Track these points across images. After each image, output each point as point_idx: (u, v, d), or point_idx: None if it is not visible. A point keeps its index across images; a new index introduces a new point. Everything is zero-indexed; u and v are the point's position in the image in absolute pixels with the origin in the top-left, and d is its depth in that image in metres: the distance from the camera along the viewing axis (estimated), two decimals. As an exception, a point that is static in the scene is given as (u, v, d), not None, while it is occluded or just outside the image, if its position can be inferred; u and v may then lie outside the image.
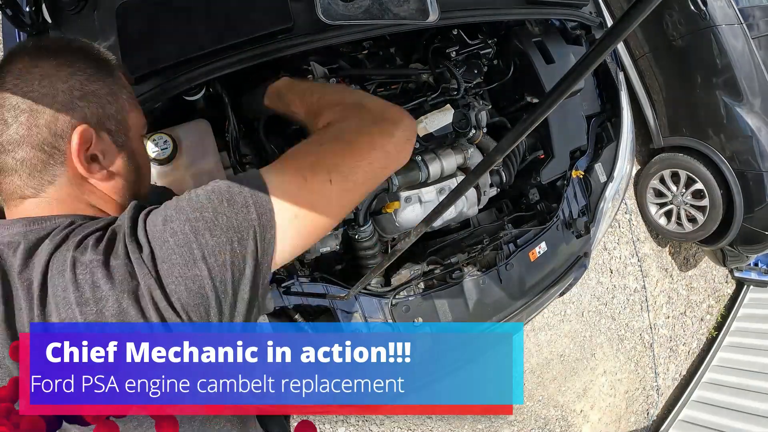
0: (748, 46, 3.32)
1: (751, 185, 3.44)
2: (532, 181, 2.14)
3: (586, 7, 1.94)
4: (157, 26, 1.30)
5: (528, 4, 1.71)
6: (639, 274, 4.18)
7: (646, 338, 4.22)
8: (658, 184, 3.98)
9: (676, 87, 3.69)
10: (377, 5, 1.32)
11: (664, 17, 3.50)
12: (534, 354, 3.68)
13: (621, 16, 0.47)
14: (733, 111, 3.40)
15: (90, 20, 1.35)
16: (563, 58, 2.03)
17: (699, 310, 4.56)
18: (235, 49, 1.31)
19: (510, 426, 3.60)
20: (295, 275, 1.62)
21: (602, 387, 3.95)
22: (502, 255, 1.88)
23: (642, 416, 4.23)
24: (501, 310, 1.89)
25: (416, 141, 1.74)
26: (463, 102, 1.90)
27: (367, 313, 1.68)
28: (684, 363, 4.44)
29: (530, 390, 3.68)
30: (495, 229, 2.04)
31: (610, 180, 2.15)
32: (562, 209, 2.05)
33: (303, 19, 1.35)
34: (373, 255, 1.83)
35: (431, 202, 1.83)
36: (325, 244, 1.70)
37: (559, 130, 2.07)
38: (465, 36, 1.92)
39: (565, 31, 2.14)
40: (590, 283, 3.94)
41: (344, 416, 3.06)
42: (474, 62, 1.91)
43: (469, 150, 1.93)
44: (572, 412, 3.85)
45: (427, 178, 1.81)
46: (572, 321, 3.85)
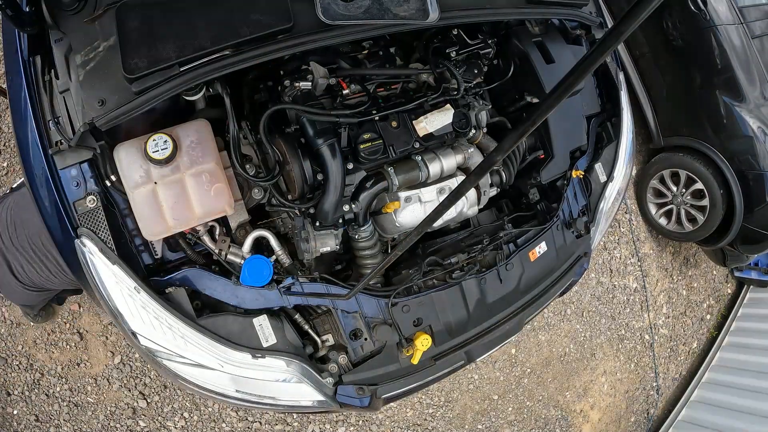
0: (748, 47, 3.32)
1: (751, 185, 3.44)
2: (532, 181, 2.14)
3: (586, 7, 1.94)
4: (157, 26, 1.30)
5: (528, 4, 1.71)
6: (639, 274, 4.18)
7: (646, 338, 4.22)
8: (658, 184, 3.98)
9: (676, 87, 3.69)
10: (377, 5, 1.32)
11: (664, 17, 3.50)
12: (534, 354, 3.68)
13: (622, 16, 0.47)
14: (733, 111, 3.39)
15: (89, 20, 1.35)
16: (563, 58, 2.03)
17: (699, 310, 4.56)
18: (234, 49, 1.31)
19: (510, 426, 3.60)
20: (296, 275, 1.62)
21: (602, 387, 3.95)
22: (502, 255, 1.88)
23: (642, 416, 4.23)
24: (501, 310, 1.89)
25: (416, 141, 1.75)
26: (463, 102, 1.90)
27: (367, 313, 1.67)
28: (684, 363, 4.44)
29: (530, 390, 3.68)
30: (495, 229, 2.04)
31: (610, 180, 2.15)
32: (562, 209, 2.05)
33: (303, 19, 1.35)
34: (373, 255, 1.83)
35: (431, 202, 1.83)
36: (325, 244, 1.70)
37: (559, 130, 2.07)
38: (465, 36, 1.92)
39: (565, 31, 2.14)
40: (590, 283, 3.94)
41: (344, 416, 3.07)
42: (474, 62, 1.91)
43: (469, 150, 1.93)
44: (572, 412, 3.85)
45: (427, 178, 1.81)
46: (572, 321, 3.84)
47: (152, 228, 1.44)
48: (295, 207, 1.67)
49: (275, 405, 1.62)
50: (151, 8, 1.31)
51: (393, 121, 1.73)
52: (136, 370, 2.71)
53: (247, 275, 1.55)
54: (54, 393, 2.60)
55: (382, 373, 1.72)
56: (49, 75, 1.41)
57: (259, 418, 2.90)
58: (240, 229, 1.71)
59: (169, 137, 1.42)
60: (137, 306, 1.43)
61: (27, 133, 1.41)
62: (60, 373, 2.62)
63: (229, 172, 1.60)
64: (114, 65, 1.27)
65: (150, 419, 2.72)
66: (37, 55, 1.42)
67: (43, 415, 2.58)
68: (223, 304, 1.57)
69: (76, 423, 2.61)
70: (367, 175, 1.74)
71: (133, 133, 1.48)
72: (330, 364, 1.66)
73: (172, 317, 1.44)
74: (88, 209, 1.42)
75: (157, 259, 1.58)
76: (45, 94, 1.40)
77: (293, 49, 1.36)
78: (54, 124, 1.37)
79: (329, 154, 1.59)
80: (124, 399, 2.68)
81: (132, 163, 1.41)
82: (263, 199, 1.70)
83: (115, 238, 1.43)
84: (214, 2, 1.36)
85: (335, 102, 1.70)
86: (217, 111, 1.62)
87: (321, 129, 1.61)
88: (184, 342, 1.47)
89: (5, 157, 2.66)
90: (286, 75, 1.66)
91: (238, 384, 1.56)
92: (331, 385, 1.63)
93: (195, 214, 1.46)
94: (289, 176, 1.68)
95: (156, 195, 1.42)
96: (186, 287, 1.52)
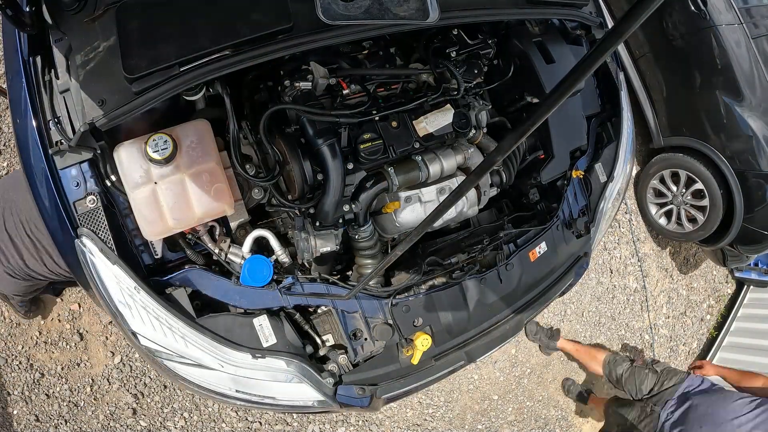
0: (748, 47, 3.32)
1: (751, 185, 3.44)
2: (533, 181, 2.14)
3: (586, 7, 1.94)
4: (157, 26, 1.30)
5: (528, 4, 1.71)
6: (639, 274, 4.18)
7: (646, 338, 4.22)
8: (658, 184, 3.98)
9: (676, 87, 3.69)
10: (377, 5, 1.31)
11: (664, 17, 3.50)
12: (534, 354, 3.68)
13: (622, 16, 0.47)
14: (733, 111, 3.39)
15: (89, 20, 1.35)
16: (563, 58, 2.03)
17: (699, 310, 4.56)
18: (234, 49, 1.31)
19: (510, 426, 3.60)
20: (296, 275, 1.62)
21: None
22: (502, 255, 1.88)
23: (642, 416, 4.23)
24: (501, 310, 1.89)
25: (417, 141, 1.75)
26: (463, 102, 1.90)
27: (368, 313, 1.67)
28: (684, 363, 4.43)
29: (530, 390, 3.68)
30: (495, 229, 2.04)
31: (610, 180, 2.15)
32: (562, 209, 2.05)
33: (303, 19, 1.34)
34: (373, 255, 1.83)
35: (431, 202, 1.83)
36: (325, 244, 1.70)
37: (559, 131, 2.07)
38: (465, 36, 1.92)
39: (565, 31, 2.14)
40: (590, 283, 3.94)
41: (344, 416, 3.06)
42: (474, 62, 1.91)
43: (469, 150, 1.93)
44: (572, 412, 3.85)
45: (427, 178, 1.81)
46: (572, 321, 3.84)
47: (152, 228, 1.44)
48: (295, 207, 1.67)
49: (275, 405, 1.62)
50: (151, 8, 1.31)
51: (393, 121, 1.73)
52: (136, 370, 2.71)
53: (247, 275, 1.55)
54: (54, 393, 2.60)
55: (382, 373, 1.72)
56: (49, 75, 1.41)
57: (259, 418, 2.90)
58: (240, 229, 1.71)
59: (169, 137, 1.42)
60: (137, 306, 1.43)
61: (27, 133, 1.41)
62: (60, 373, 2.61)
63: (229, 172, 1.60)
64: (114, 65, 1.27)
65: (150, 419, 2.72)
66: (37, 55, 1.42)
67: (43, 415, 2.58)
68: (223, 304, 1.57)
69: (76, 423, 2.61)
70: (367, 175, 1.74)
71: (133, 133, 1.47)
72: (330, 364, 1.66)
73: (172, 317, 1.44)
74: (88, 209, 1.42)
75: (157, 259, 1.58)
76: (45, 94, 1.40)
77: (293, 49, 1.36)
78: (54, 124, 1.37)
79: (329, 154, 1.59)
80: (124, 399, 2.68)
81: (132, 163, 1.41)
82: (263, 199, 1.70)
83: (115, 238, 1.43)
84: (214, 2, 1.36)
85: (335, 102, 1.70)
86: (217, 111, 1.62)
87: (321, 129, 1.61)
88: (185, 342, 1.47)
89: (5, 157, 2.66)
90: (286, 75, 1.66)
91: (238, 384, 1.55)
92: (331, 385, 1.63)
93: (195, 214, 1.46)
94: (289, 176, 1.68)
95: (156, 195, 1.42)
96: (186, 287, 1.52)
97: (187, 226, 1.49)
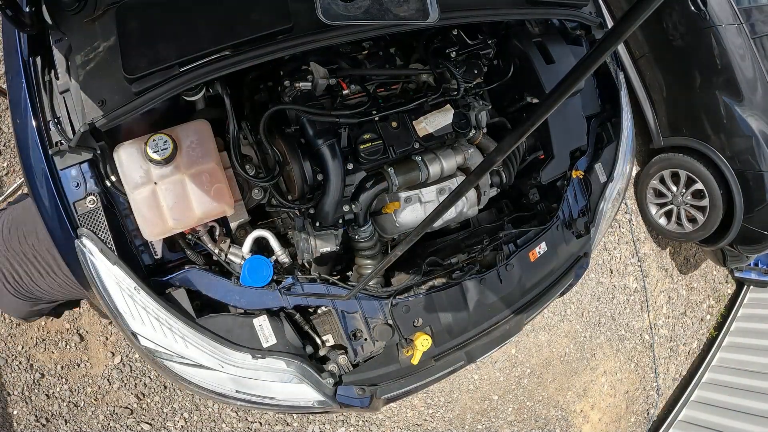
0: (748, 46, 3.32)
1: (751, 185, 3.44)
2: (532, 182, 2.14)
3: (586, 7, 1.93)
4: (157, 26, 1.30)
5: (528, 4, 1.71)
6: (639, 274, 4.18)
7: (646, 338, 4.22)
8: (658, 184, 3.98)
9: (676, 87, 3.69)
10: (377, 5, 1.31)
11: (664, 17, 3.50)
12: (534, 354, 3.68)
13: (622, 16, 0.47)
14: (733, 111, 3.39)
15: (89, 20, 1.35)
16: (563, 58, 2.03)
17: (699, 310, 4.56)
18: (234, 49, 1.31)
19: (510, 426, 3.60)
20: (296, 276, 1.62)
21: (602, 387, 3.95)
22: (502, 255, 1.88)
23: (642, 416, 4.23)
24: (501, 311, 1.89)
25: (416, 141, 1.74)
26: (463, 102, 1.90)
27: (368, 313, 1.67)
28: (684, 363, 4.44)
29: (530, 390, 3.68)
30: (495, 230, 2.04)
31: (610, 180, 2.15)
32: (562, 209, 2.05)
33: (303, 20, 1.34)
34: (373, 255, 1.83)
35: (431, 203, 1.83)
36: (325, 244, 1.70)
37: (559, 131, 2.07)
38: (465, 36, 1.92)
39: (565, 31, 2.14)
40: (590, 283, 3.94)
41: (344, 417, 3.06)
42: (474, 62, 1.91)
43: (469, 150, 1.93)
44: (572, 412, 3.85)
45: (427, 179, 1.81)
46: (572, 321, 3.84)
47: (152, 228, 1.44)
48: (295, 207, 1.67)
49: (275, 405, 1.62)
50: (151, 8, 1.31)
51: (393, 122, 1.73)
52: (136, 370, 2.71)
53: (247, 275, 1.55)
54: (54, 393, 2.60)
55: (382, 373, 1.72)
56: (49, 75, 1.41)
57: (259, 418, 2.90)
58: (240, 230, 1.71)
59: (169, 137, 1.42)
60: (137, 306, 1.43)
61: (27, 133, 1.41)
62: (60, 373, 2.61)
63: (229, 173, 1.60)
64: (114, 65, 1.27)
65: (150, 419, 2.72)
66: (37, 55, 1.42)
67: (43, 415, 2.58)
68: (223, 305, 1.57)
69: (76, 423, 2.61)
70: (367, 176, 1.74)
71: (133, 134, 1.47)
72: (330, 364, 1.66)
73: (172, 317, 1.44)
74: (88, 210, 1.42)
75: (157, 260, 1.58)
76: (45, 94, 1.40)
77: (293, 50, 1.36)
78: (54, 124, 1.37)
79: (329, 155, 1.59)
80: (124, 399, 2.68)
81: (132, 163, 1.41)
82: (263, 199, 1.70)
83: (115, 238, 1.43)
84: (213, 2, 1.36)
85: (335, 102, 1.70)
86: (217, 111, 1.61)
87: (321, 129, 1.61)
88: (185, 342, 1.47)
89: (5, 157, 2.66)
90: (286, 75, 1.66)
91: (238, 384, 1.55)
92: (331, 385, 1.63)
93: (195, 215, 1.46)
94: (289, 176, 1.68)
95: (156, 195, 1.42)
96: (186, 287, 1.52)
97: (187, 227, 1.49)
